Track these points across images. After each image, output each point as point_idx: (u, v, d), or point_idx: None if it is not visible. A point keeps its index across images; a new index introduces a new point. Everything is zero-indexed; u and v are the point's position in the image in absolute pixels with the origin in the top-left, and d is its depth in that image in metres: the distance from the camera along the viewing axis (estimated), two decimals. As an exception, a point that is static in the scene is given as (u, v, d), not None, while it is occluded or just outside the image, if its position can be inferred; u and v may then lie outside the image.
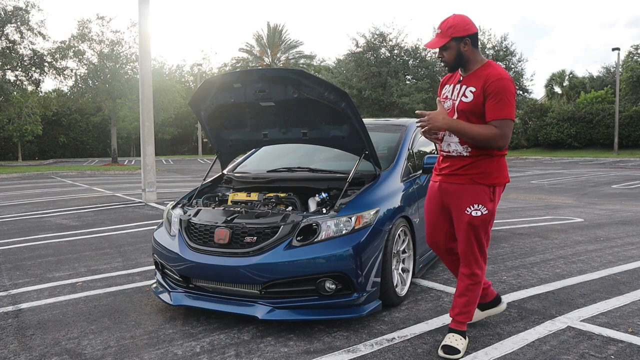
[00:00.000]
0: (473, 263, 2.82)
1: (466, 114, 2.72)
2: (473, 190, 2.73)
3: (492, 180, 2.74)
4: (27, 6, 25.64)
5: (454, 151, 2.81)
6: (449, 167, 2.83)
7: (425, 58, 32.64)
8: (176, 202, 3.97)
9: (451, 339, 2.81)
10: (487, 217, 2.75)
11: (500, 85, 2.62)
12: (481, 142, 2.65)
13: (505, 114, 2.62)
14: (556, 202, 9.80)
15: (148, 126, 10.23)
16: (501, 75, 2.64)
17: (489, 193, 2.74)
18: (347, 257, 3.09)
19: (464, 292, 2.84)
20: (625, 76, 38.88)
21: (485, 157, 2.73)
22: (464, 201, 2.75)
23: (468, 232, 2.77)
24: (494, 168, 2.74)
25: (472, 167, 2.74)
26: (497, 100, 2.62)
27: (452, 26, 2.68)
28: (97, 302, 3.78)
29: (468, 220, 2.74)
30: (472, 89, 2.70)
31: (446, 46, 2.70)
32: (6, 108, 28.42)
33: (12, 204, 10.29)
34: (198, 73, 46.13)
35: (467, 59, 2.73)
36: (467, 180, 2.75)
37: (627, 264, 4.76)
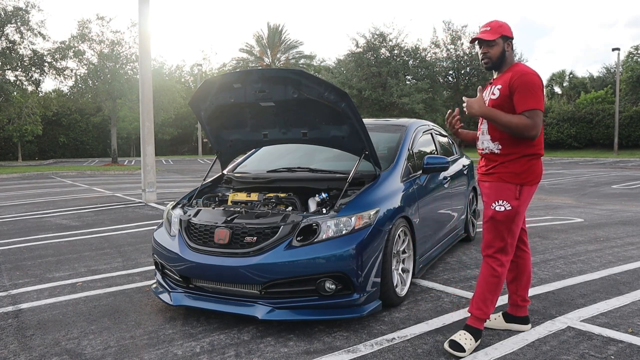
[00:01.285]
0: (492, 258, 2.87)
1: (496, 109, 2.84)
2: (500, 187, 2.85)
3: (520, 179, 2.82)
4: (27, 6, 25.65)
5: (486, 148, 2.93)
6: (484, 167, 2.98)
7: (425, 58, 32.65)
8: (176, 202, 3.97)
9: (461, 336, 2.82)
10: (511, 214, 2.82)
11: (525, 80, 2.75)
12: (513, 131, 2.74)
13: (533, 104, 2.72)
14: (556, 202, 9.80)
15: (148, 126, 10.23)
16: (526, 71, 2.78)
17: (515, 191, 2.83)
18: (347, 257, 3.09)
19: (482, 286, 2.88)
20: (625, 76, 38.91)
21: (515, 157, 2.82)
22: (491, 197, 2.87)
23: (491, 226, 2.85)
24: (524, 169, 2.82)
25: (502, 166, 2.85)
26: (523, 93, 2.73)
27: (501, 26, 2.88)
28: (97, 302, 3.78)
29: (491, 214, 2.85)
30: (499, 86, 2.85)
31: (495, 42, 2.86)
32: (6, 108, 28.42)
33: (12, 204, 10.29)
34: (198, 73, 46.14)
35: (506, 60, 2.90)
36: (496, 179, 2.87)
37: (627, 264, 4.76)
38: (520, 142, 2.80)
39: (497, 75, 2.96)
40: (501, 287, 2.89)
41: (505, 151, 2.85)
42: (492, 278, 2.86)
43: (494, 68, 2.94)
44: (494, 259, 2.86)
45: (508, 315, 3.15)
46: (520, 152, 2.82)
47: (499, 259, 2.86)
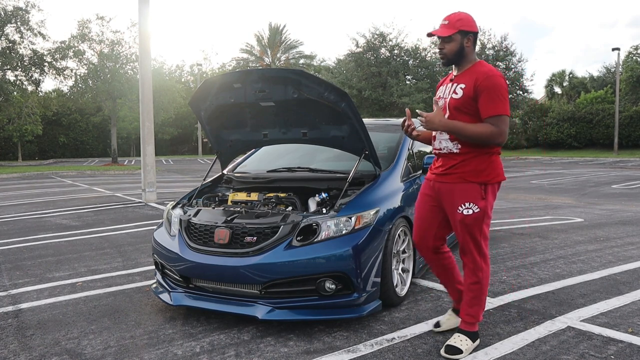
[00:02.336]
0: (471, 262, 2.82)
1: (457, 110, 2.73)
2: (464, 188, 2.73)
3: (483, 177, 2.72)
4: (27, 6, 25.63)
5: (444, 148, 2.81)
6: (441, 167, 2.85)
7: (425, 58, 32.63)
8: (176, 202, 3.97)
9: (456, 339, 2.81)
10: (479, 215, 2.73)
11: (491, 82, 2.63)
12: (479, 141, 2.66)
13: (500, 110, 2.62)
14: (556, 202, 9.80)
15: (148, 126, 10.23)
16: (492, 72, 2.65)
17: (480, 191, 2.72)
18: (347, 257, 3.09)
19: (467, 292, 2.86)
20: (625, 76, 38.90)
21: (475, 154, 2.72)
22: (456, 200, 2.75)
23: (462, 231, 2.77)
24: (485, 166, 2.73)
25: (462, 165, 2.74)
26: (489, 97, 2.62)
27: (461, 19, 2.72)
28: (97, 302, 3.78)
29: (460, 219, 2.75)
30: (462, 85, 2.72)
31: (451, 37, 2.72)
32: (6, 108, 28.41)
33: (12, 204, 10.29)
34: (198, 73, 46.13)
35: (465, 56, 2.76)
36: (457, 179, 2.75)
37: (627, 264, 4.76)
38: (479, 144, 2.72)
39: (457, 71, 2.81)
40: (486, 289, 2.85)
41: (464, 150, 2.74)
42: (475, 285, 2.83)
43: (451, 64, 2.81)
44: (473, 262, 2.81)
45: (457, 311, 3.09)
46: (479, 149, 2.72)
47: (478, 262, 2.81)
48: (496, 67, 33.29)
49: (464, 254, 2.84)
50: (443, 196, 2.83)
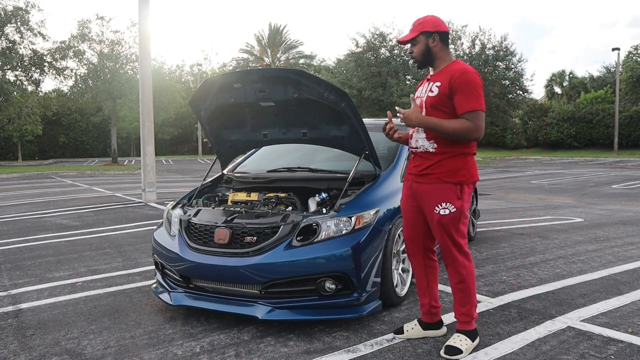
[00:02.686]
0: (453, 262, 2.82)
1: (433, 107, 2.75)
2: (440, 189, 2.75)
3: (458, 178, 2.75)
4: (27, 6, 25.63)
5: (421, 147, 2.83)
6: (417, 167, 2.86)
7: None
8: (176, 202, 3.97)
9: (455, 339, 2.81)
10: (456, 215, 2.75)
11: (465, 79, 2.66)
12: (456, 137, 2.68)
13: (475, 105, 2.65)
14: (556, 202, 9.80)
15: (148, 126, 10.23)
16: (466, 69, 2.69)
17: (456, 191, 2.75)
18: (347, 257, 3.09)
19: (455, 292, 2.86)
20: (625, 76, 38.90)
21: (451, 154, 2.75)
22: (432, 200, 2.77)
23: (440, 231, 2.78)
24: (460, 166, 2.75)
25: (438, 166, 2.76)
26: (465, 93, 2.66)
27: (423, 22, 2.79)
28: (97, 302, 3.78)
29: (437, 219, 2.76)
30: (438, 83, 2.75)
31: (415, 40, 2.78)
32: (6, 108, 28.41)
33: (12, 204, 10.29)
34: (198, 73, 46.13)
35: (436, 56, 2.80)
36: (434, 180, 2.77)
37: (627, 264, 4.76)
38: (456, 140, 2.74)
39: (433, 71, 2.86)
40: (474, 285, 2.85)
41: (440, 150, 2.76)
42: (461, 284, 2.82)
43: (424, 65, 2.86)
44: (455, 262, 2.81)
45: (424, 323, 3.05)
46: (456, 150, 2.75)
47: (460, 261, 2.81)
48: (496, 67, 33.37)
49: (445, 255, 2.83)
50: (420, 196, 2.84)
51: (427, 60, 2.82)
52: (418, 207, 2.91)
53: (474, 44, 33.14)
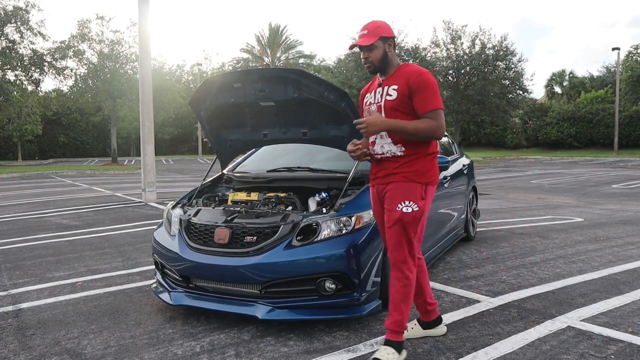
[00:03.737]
0: (402, 264, 2.71)
1: (394, 110, 2.73)
2: (406, 187, 2.73)
3: (425, 179, 2.75)
4: (27, 6, 25.63)
5: (388, 152, 2.78)
6: (384, 170, 2.81)
7: (425, 58, 32.60)
8: (176, 202, 3.97)
9: (382, 352, 2.65)
10: (417, 215, 2.71)
11: (424, 79, 2.68)
12: (421, 136, 2.68)
13: (436, 104, 2.68)
14: (556, 202, 9.80)
15: (148, 126, 10.23)
16: (422, 70, 2.72)
17: (421, 191, 2.74)
18: (347, 257, 3.09)
19: (395, 296, 2.71)
20: (625, 76, 38.90)
21: (419, 156, 2.75)
22: (397, 198, 2.73)
23: (398, 229, 2.70)
24: (428, 168, 2.76)
25: (406, 166, 2.75)
26: (424, 94, 2.67)
27: (379, 27, 2.76)
28: (97, 302, 3.78)
29: (399, 216, 2.70)
30: (395, 86, 2.74)
31: (374, 45, 2.74)
32: (6, 108, 28.40)
33: (12, 203, 10.29)
34: (198, 73, 46.13)
35: (389, 61, 2.79)
36: (401, 178, 2.75)
37: (627, 264, 4.76)
38: (422, 141, 2.74)
39: (384, 76, 2.82)
40: (412, 294, 2.74)
41: (408, 152, 2.74)
42: (404, 287, 2.70)
43: (378, 71, 2.82)
44: (404, 264, 2.70)
45: (423, 322, 3.03)
46: (423, 151, 2.75)
47: (409, 263, 2.71)
48: (496, 67, 33.27)
49: (396, 254, 2.72)
50: (386, 194, 2.80)
51: (384, 66, 2.79)
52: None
53: (474, 43, 33.13)
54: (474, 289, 3.98)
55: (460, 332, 3.10)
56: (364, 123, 2.66)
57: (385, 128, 2.68)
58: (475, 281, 4.20)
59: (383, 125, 2.66)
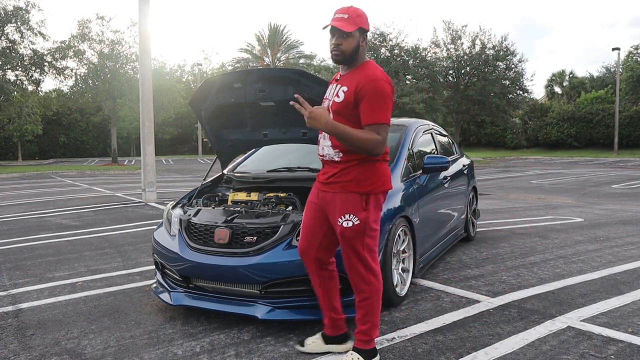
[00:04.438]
0: (357, 278, 2.59)
1: (338, 114, 2.52)
2: (344, 199, 2.53)
3: (365, 187, 2.52)
4: (27, 6, 25.63)
5: (326, 155, 2.61)
6: (324, 175, 2.65)
7: (426, 58, 32.61)
8: (176, 202, 3.97)
9: (348, 357, 2.61)
10: (359, 228, 2.51)
11: (374, 87, 2.42)
12: (362, 149, 2.43)
13: (382, 118, 2.42)
14: (556, 202, 9.80)
15: (148, 126, 10.23)
16: (376, 76, 2.45)
17: (361, 202, 2.51)
18: (347, 257, 3.09)
19: (358, 309, 2.64)
20: (625, 76, 38.90)
21: (357, 163, 2.52)
22: (336, 211, 2.55)
23: (344, 244, 2.56)
24: (368, 175, 2.52)
25: (343, 174, 2.53)
26: (372, 103, 2.42)
27: (360, 16, 2.51)
28: (97, 302, 3.78)
29: (340, 231, 2.54)
30: (345, 88, 2.52)
31: (352, 34, 2.48)
32: (6, 108, 28.41)
33: (12, 203, 10.29)
34: (198, 73, 46.12)
35: (359, 56, 2.55)
36: (338, 189, 2.54)
37: (627, 264, 4.76)
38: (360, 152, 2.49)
39: (344, 71, 2.60)
40: (378, 305, 2.63)
41: (345, 158, 2.53)
42: (364, 301, 2.60)
43: (346, 63, 2.55)
44: (360, 278, 2.58)
45: (327, 336, 2.84)
46: (362, 157, 2.50)
47: (365, 277, 2.58)
48: (496, 67, 33.33)
49: (349, 270, 2.60)
50: (326, 206, 2.62)
51: (352, 59, 2.53)
52: (322, 216, 2.68)
53: (474, 44, 33.14)
54: (474, 289, 3.98)
55: (460, 332, 3.10)
56: (308, 112, 2.39)
57: (325, 128, 2.41)
58: (475, 281, 4.20)
59: (326, 125, 2.40)
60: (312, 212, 2.74)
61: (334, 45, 2.51)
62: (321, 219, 2.70)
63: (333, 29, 2.49)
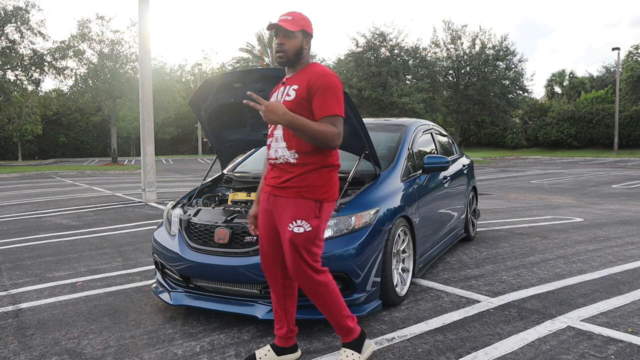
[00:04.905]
0: (310, 284, 2.51)
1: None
2: (298, 204, 2.48)
3: (319, 195, 2.50)
4: (27, 6, 25.63)
5: (280, 157, 2.52)
6: (276, 178, 2.56)
7: (426, 58, 32.61)
8: (176, 202, 3.97)
9: (342, 355, 2.62)
10: (310, 235, 2.47)
11: (326, 81, 2.45)
12: (320, 141, 2.39)
13: (336, 110, 2.43)
14: (556, 202, 9.80)
15: (148, 126, 10.23)
16: (326, 72, 2.49)
17: (315, 209, 2.49)
18: (347, 257, 3.09)
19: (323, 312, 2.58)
20: (625, 76, 38.90)
21: (313, 167, 2.49)
22: (288, 216, 2.49)
23: (292, 251, 2.47)
24: (324, 182, 2.51)
25: (300, 179, 2.48)
26: (325, 96, 2.43)
27: (304, 19, 2.56)
28: (97, 302, 3.78)
29: (290, 237, 2.46)
30: (295, 87, 2.51)
31: (294, 34, 2.50)
32: (6, 108, 28.42)
33: (12, 203, 10.29)
34: (198, 73, 46.13)
35: (302, 59, 2.57)
36: (293, 194, 2.49)
37: (627, 264, 4.76)
38: (319, 151, 2.48)
39: (290, 74, 2.60)
40: (339, 299, 2.57)
41: (302, 161, 2.47)
42: (326, 304, 2.53)
43: (288, 64, 2.56)
44: (313, 282, 2.50)
45: (278, 347, 2.74)
46: (319, 162, 2.49)
47: (315, 279, 2.50)
48: (496, 67, 33.41)
49: (300, 278, 2.50)
50: (277, 210, 2.55)
51: (296, 60, 2.54)
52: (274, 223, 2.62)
53: (474, 43, 33.15)
54: (474, 289, 3.98)
55: (460, 332, 3.10)
56: (264, 106, 2.31)
57: (285, 121, 2.33)
58: (475, 281, 4.20)
59: (284, 116, 2.33)
60: (266, 219, 2.64)
61: (277, 45, 2.52)
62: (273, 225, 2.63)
63: (277, 29, 2.50)
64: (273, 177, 2.58)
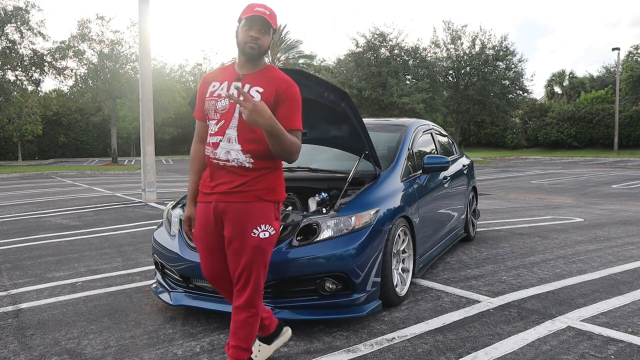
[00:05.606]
0: (253, 292, 2.37)
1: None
2: (259, 208, 2.35)
3: (276, 196, 2.41)
4: (27, 6, 25.63)
5: (233, 160, 2.32)
6: (227, 184, 2.35)
7: (425, 58, 32.62)
8: (176, 202, 3.97)
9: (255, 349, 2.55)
10: (274, 238, 2.40)
11: (294, 93, 2.36)
12: (287, 152, 2.27)
13: (299, 124, 2.36)
14: (556, 202, 9.80)
15: (148, 126, 10.23)
16: (291, 81, 2.39)
17: (274, 210, 2.41)
18: (347, 257, 3.09)
19: (244, 326, 2.40)
20: (625, 76, 38.90)
21: (269, 170, 2.38)
22: (250, 222, 2.33)
23: (254, 257, 2.34)
24: (278, 183, 2.43)
25: (255, 182, 2.34)
26: (292, 109, 2.34)
27: (276, 17, 2.39)
28: (97, 302, 3.78)
29: (256, 244, 2.33)
30: (260, 89, 2.34)
31: (272, 31, 2.38)
32: (6, 108, 28.40)
33: (12, 203, 10.29)
34: (198, 73, 46.12)
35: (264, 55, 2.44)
36: (251, 198, 2.34)
37: (627, 264, 4.76)
38: (272, 155, 2.34)
39: (246, 70, 2.40)
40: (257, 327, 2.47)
41: (258, 165, 2.33)
42: (252, 317, 2.40)
43: (254, 59, 2.37)
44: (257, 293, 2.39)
45: (265, 338, 2.70)
46: (273, 165, 2.39)
47: (261, 292, 2.42)
48: (496, 67, 33.50)
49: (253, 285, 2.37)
50: (230, 216, 2.36)
51: (261, 55, 2.40)
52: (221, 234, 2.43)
53: (474, 44, 33.15)
54: (474, 289, 3.98)
55: (460, 332, 3.10)
56: (252, 104, 2.09)
57: (269, 125, 2.14)
58: (475, 281, 4.20)
59: (269, 120, 2.13)
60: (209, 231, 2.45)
61: (252, 38, 2.31)
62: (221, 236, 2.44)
63: (256, 19, 2.31)
64: (222, 182, 2.37)
